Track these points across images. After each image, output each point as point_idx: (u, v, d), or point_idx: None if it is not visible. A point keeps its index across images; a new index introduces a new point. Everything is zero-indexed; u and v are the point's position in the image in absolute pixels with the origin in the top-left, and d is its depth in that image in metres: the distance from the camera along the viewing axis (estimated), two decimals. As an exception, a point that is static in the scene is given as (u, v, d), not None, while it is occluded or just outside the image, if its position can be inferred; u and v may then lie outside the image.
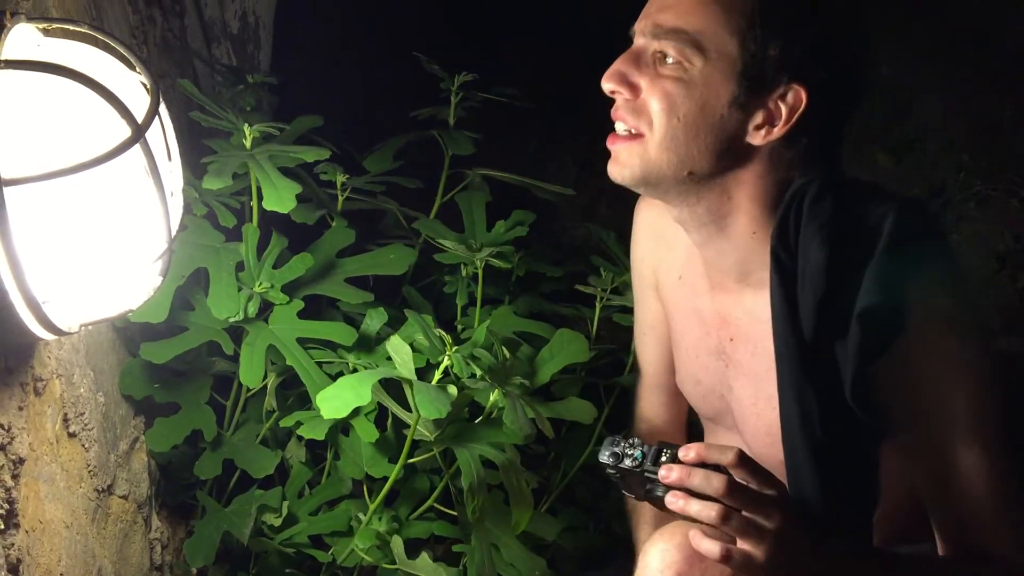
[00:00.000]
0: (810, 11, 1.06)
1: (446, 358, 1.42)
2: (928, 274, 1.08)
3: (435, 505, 1.61)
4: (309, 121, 1.73)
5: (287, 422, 1.54)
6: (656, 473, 0.99)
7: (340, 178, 1.74)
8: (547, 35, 2.89)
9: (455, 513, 1.60)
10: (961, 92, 2.90)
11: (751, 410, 1.23)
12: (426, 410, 1.34)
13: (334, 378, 1.49)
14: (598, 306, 1.80)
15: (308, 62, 2.57)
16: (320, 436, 1.49)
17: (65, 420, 1.24)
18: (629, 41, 1.14)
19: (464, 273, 1.77)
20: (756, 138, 1.09)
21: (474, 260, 1.69)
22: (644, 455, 1.01)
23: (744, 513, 0.99)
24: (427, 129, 1.88)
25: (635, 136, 1.11)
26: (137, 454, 1.52)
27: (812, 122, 1.08)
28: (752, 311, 1.19)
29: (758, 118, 1.08)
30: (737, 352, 1.23)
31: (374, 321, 1.58)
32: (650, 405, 1.51)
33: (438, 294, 1.88)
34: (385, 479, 1.50)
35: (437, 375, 1.43)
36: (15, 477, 1.09)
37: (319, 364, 1.52)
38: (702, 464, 0.98)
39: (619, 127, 1.13)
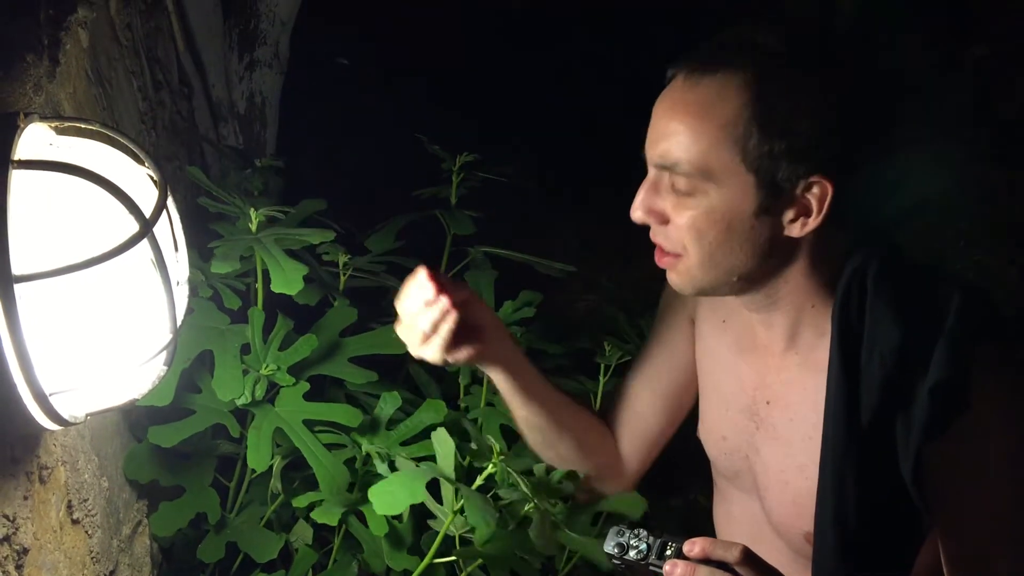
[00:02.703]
0: (804, 105, 1.04)
1: (491, 465, 1.40)
2: (995, 355, 1.07)
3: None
4: (314, 205, 1.75)
5: (299, 503, 1.53)
6: (661, 568, 0.99)
7: (342, 258, 1.76)
8: (546, 111, 2.95)
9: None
10: (958, 161, 2.95)
11: (778, 477, 1.22)
12: (474, 520, 1.34)
13: (345, 463, 1.49)
14: (602, 381, 1.81)
15: (312, 141, 2.62)
16: (333, 521, 1.48)
17: (69, 507, 1.24)
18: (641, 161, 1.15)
19: (467, 352, 1.77)
20: (795, 231, 1.08)
21: (481, 341, 1.69)
22: (649, 548, 1.01)
23: None
24: (429, 208, 1.90)
25: (677, 256, 1.13)
26: (140, 538, 1.51)
27: (852, 200, 1.07)
28: (796, 378, 1.19)
29: (790, 214, 1.08)
30: (772, 416, 1.22)
31: (388, 405, 1.58)
32: (622, 440, 1.44)
33: (441, 370, 1.88)
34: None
35: (480, 480, 1.41)
36: (19, 568, 1.09)
37: (327, 446, 1.52)
38: (707, 560, 0.96)
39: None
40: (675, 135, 1.07)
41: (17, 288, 0.91)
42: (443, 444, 1.39)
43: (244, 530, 1.55)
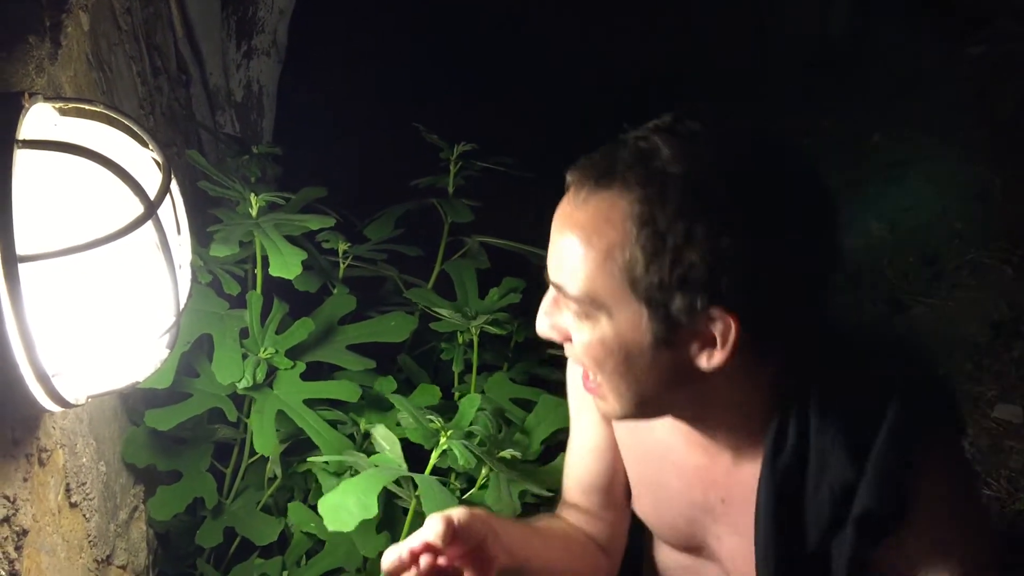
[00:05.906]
0: (698, 232, 0.88)
1: (443, 440, 1.41)
2: (935, 454, 1.02)
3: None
4: (314, 192, 1.75)
5: (301, 468, 1.52)
6: None
7: (342, 246, 1.76)
8: (544, 102, 2.95)
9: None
10: (953, 161, 2.97)
11: (745, 561, 1.12)
12: (431, 509, 1.31)
13: (350, 437, 1.49)
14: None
15: (310, 130, 2.62)
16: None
17: (67, 490, 1.24)
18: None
19: (460, 340, 1.77)
20: (703, 362, 0.95)
21: (469, 328, 1.70)
22: None
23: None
24: (427, 197, 1.90)
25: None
26: (136, 523, 1.51)
27: (769, 326, 0.94)
28: (750, 478, 1.08)
29: (694, 347, 0.94)
30: (731, 513, 1.13)
31: (384, 390, 1.59)
32: (585, 525, 1.31)
33: (436, 360, 1.89)
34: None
35: (434, 458, 1.41)
36: (18, 549, 1.09)
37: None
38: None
39: None
40: (561, 256, 0.95)
41: (21, 268, 0.91)
42: (388, 440, 1.37)
43: (241, 515, 1.55)
